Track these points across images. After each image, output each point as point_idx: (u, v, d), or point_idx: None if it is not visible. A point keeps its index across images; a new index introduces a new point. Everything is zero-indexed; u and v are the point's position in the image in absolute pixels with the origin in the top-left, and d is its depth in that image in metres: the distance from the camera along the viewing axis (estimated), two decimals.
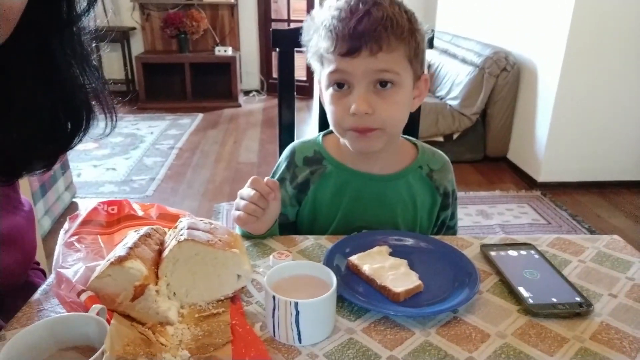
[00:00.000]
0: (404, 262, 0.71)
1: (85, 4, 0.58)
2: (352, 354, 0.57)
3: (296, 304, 0.55)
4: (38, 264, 0.89)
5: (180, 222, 0.68)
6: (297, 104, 1.29)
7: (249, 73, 5.57)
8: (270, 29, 1.30)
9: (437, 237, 0.82)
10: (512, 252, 0.77)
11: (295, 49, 1.10)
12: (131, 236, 0.64)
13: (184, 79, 5.00)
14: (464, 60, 3.62)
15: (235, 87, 5.09)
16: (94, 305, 0.54)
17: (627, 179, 3.07)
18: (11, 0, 0.49)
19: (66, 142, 0.65)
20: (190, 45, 5.11)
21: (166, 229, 0.70)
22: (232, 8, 5.22)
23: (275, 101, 1.20)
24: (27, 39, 0.55)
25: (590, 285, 0.71)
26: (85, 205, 0.83)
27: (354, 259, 0.72)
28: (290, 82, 1.15)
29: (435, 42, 4.21)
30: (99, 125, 0.66)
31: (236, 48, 5.30)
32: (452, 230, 1.01)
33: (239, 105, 5.07)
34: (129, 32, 5.15)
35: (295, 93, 1.18)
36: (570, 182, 3.06)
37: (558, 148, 3.00)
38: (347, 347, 0.58)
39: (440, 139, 3.40)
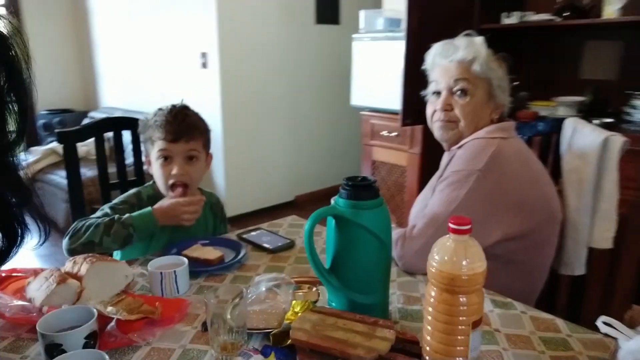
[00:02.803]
0: (214, 249, 1.29)
1: (15, 134, 0.61)
2: (201, 292, 1.12)
3: (175, 272, 1.07)
4: None
5: (70, 261, 1.07)
6: None
7: None
8: (55, 131, 1.63)
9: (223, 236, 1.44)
10: (255, 233, 1.46)
11: None
12: (46, 273, 1.00)
13: None
14: None
15: None
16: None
17: (281, 201, 4.38)
18: None
19: (2, 259, 0.65)
20: None
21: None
22: None
23: None
24: None
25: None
26: None
27: (187, 251, 1.26)
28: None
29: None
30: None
31: None
32: None
33: None
34: None
35: None
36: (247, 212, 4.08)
37: (235, 187, 3.98)
38: (199, 290, 1.13)
39: None
